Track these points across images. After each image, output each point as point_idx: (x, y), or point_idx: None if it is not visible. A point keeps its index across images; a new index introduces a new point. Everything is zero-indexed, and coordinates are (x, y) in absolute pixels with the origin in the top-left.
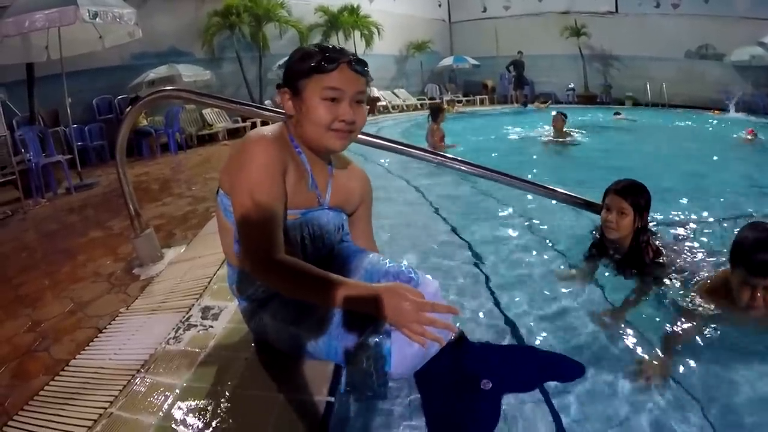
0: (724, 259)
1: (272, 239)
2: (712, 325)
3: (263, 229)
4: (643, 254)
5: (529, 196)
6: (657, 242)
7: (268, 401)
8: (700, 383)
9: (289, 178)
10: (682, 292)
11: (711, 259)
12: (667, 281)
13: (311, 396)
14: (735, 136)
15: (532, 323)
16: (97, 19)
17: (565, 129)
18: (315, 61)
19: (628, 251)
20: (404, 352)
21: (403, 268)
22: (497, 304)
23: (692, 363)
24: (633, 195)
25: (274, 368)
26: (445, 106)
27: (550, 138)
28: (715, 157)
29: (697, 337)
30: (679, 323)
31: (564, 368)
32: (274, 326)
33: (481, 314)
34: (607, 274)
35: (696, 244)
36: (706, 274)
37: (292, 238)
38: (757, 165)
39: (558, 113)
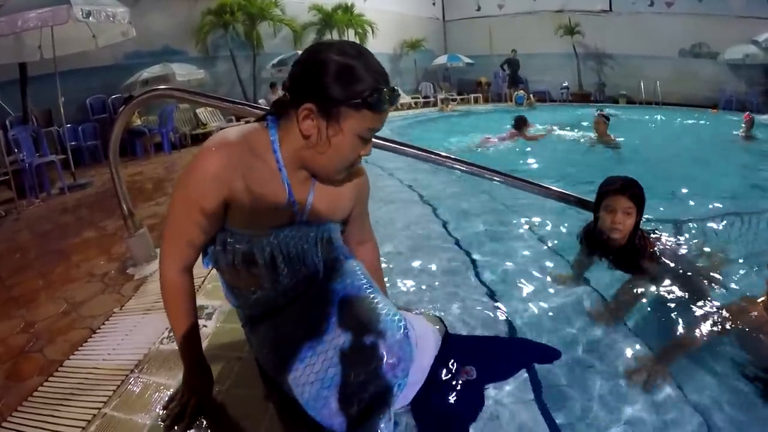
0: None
1: (179, 255)
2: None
3: (174, 243)
4: (640, 252)
5: (523, 194)
6: (653, 239)
7: (262, 400)
8: (702, 388)
9: (245, 193)
10: (686, 293)
11: (707, 256)
12: (665, 279)
13: None
14: (734, 133)
15: (525, 320)
16: (91, 18)
17: (608, 133)
18: (371, 96)
19: (623, 248)
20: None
21: (398, 337)
22: (491, 302)
23: (696, 366)
24: (635, 192)
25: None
26: (440, 104)
27: (594, 140)
28: (711, 155)
29: (708, 342)
30: (686, 325)
31: (542, 353)
32: (260, 355)
33: (473, 313)
34: (601, 271)
35: (692, 242)
36: (702, 272)
37: (259, 259)
38: (754, 163)
39: (599, 116)
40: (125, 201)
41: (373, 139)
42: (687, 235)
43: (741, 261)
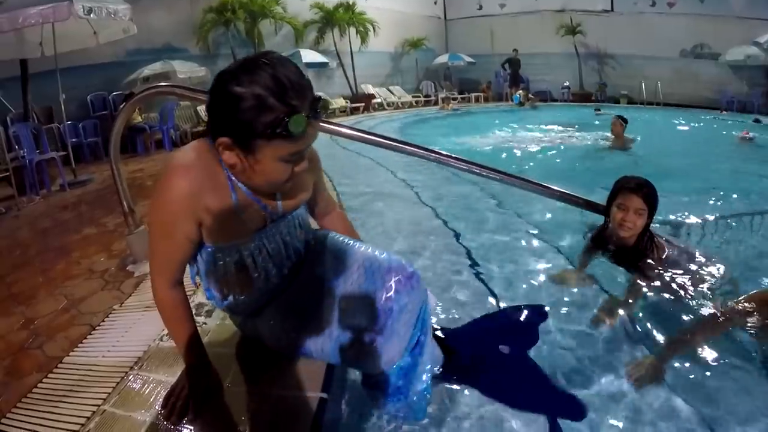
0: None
1: (167, 274)
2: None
3: (160, 266)
4: (647, 252)
5: (522, 193)
6: (662, 241)
7: (261, 397)
8: (703, 389)
9: (215, 211)
10: (691, 295)
11: (713, 258)
12: (670, 281)
13: (304, 392)
14: (734, 133)
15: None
16: (92, 15)
17: (626, 135)
18: (280, 125)
19: (631, 249)
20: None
21: (403, 262)
22: (491, 298)
23: (697, 367)
24: (649, 194)
25: (268, 364)
26: (441, 103)
27: (610, 144)
28: (716, 156)
29: (708, 346)
30: (687, 326)
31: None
32: (272, 333)
33: (472, 311)
34: (606, 270)
35: (700, 244)
36: (709, 275)
37: (249, 265)
38: (758, 165)
39: (616, 117)
40: (126, 198)
41: (375, 138)
42: (694, 237)
43: (749, 262)
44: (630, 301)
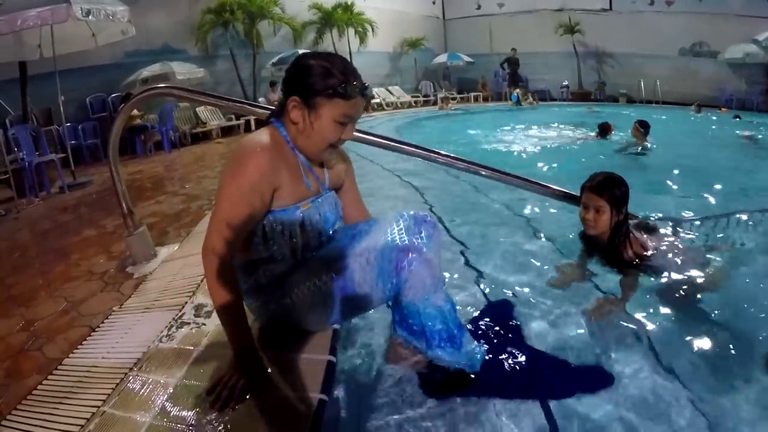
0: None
1: (228, 247)
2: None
3: (222, 236)
4: (621, 249)
5: (523, 193)
6: (644, 235)
7: (260, 398)
8: (700, 382)
9: (287, 180)
10: (676, 292)
11: (701, 253)
12: (657, 275)
13: (304, 392)
14: (737, 132)
15: (522, 317)
16: (90, 17)
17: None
18: (340, 86)
19: (607, 246)
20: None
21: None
22: (488, 297)
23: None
24: (609, 190)
25: (268, 365)
26: (440, 103)
27: (627, 147)
28: (712, 155)
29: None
30: (670, 320)
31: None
32: (308, 293)
33: (471, 310)
34: (597, 268)
35: (687, 239)
36: (693, 270)
37: (307, 225)
38: (757, 163)
39: (636, 123)
40: (125, 199)
41: (375, 138)
42: (684, 234)
43: (746, 260)
44: (617, 298)
